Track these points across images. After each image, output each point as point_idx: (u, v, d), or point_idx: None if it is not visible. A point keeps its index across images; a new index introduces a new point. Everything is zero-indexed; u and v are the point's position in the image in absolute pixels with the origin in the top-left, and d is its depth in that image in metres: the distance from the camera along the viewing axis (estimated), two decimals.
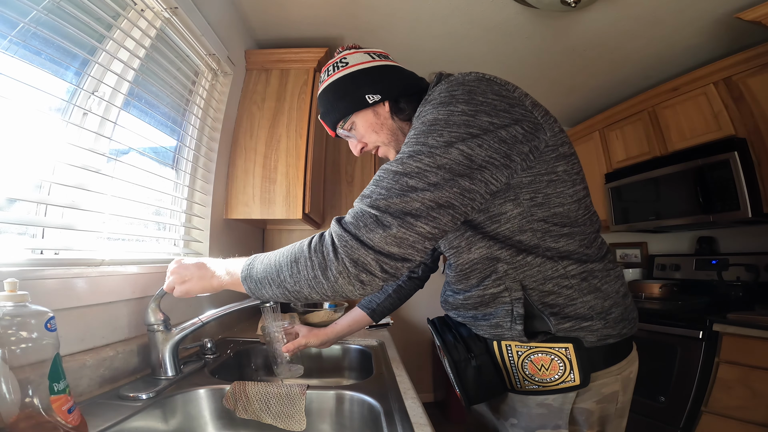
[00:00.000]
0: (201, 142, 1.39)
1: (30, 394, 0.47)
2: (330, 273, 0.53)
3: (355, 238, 0.52)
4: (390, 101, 0.76)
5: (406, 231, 0.51)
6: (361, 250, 0.51)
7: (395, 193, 0.53)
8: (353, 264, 0.52)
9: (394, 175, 0.55)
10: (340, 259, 0.52)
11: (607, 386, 0.66)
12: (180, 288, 0.71)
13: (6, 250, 0.67)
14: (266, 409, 0.78)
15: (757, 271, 1.88)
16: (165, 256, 1.13)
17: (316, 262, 0.54)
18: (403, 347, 1.28)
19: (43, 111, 0.77)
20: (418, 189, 0.53)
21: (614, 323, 0.66)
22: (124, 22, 0.98)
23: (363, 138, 0.79)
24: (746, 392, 1.43)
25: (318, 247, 0.55)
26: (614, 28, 1.74)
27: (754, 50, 1.69)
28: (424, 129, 0.58)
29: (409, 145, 0.58)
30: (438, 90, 0.63)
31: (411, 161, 0.55)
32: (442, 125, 0.57)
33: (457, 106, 0.58)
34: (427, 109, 0.61)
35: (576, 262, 0.65)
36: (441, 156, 0.54)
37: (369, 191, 0.56)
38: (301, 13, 1.65)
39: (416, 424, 0.64)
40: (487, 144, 0.56)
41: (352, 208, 0.57)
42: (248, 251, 1.93)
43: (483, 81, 0.61)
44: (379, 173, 0.57)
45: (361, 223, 0.53)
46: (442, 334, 0.76)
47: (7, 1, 0.66)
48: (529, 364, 0.66)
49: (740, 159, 1.74)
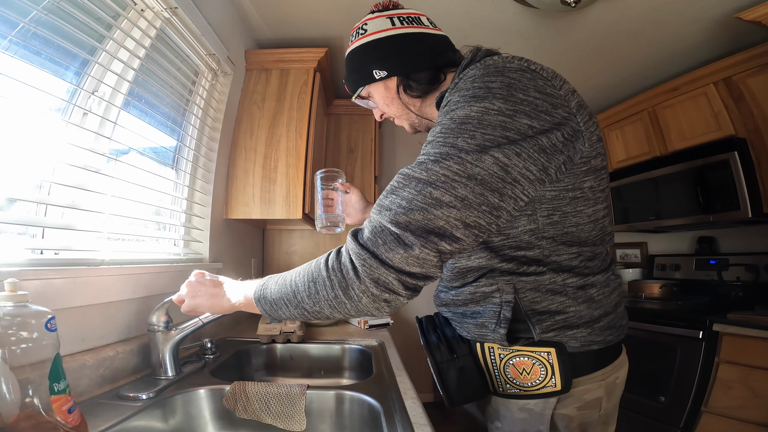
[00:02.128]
0: (201, 142, 1.39)
1: (30, 394, 0.47)
2: (352, 293, 0.50)
3: (374, 257, 0.48)
4: (398, 77, 0.72)
5: (429, 252, 0.47)
6: (382, 269, 0.48)
7: (417, 206, 0.48)
8: (375, 284, 0.48)
9: (417, 183, 0.49)
10: (361, 279, 0.49)
11: (590, 392, 0.64)
12: (189, 302, 0.69)
13: (6, 250, 0.67)
14: (266, 409, 0.78)
15: (757, 271, 1.88)
16: (165, 256, 1.13)
17: (336, 282, 0.51)
18: (403, 347, 1.28)
19: (43, 111, 0.77)
20: (443, 204, 0.48)
21: (600, 331, 0.63)
22: (124, 22, 0.98)
23: (379, 107, 0.78)
24: (746, 392, 1.43)
25: (336, 265, 0.51)
26: (614, 28, 1.74)
27: (754, 50, 1.69)
28: (453, 127, 0.52)
29: (434, 144, 0.52)
30: (471, 75, 0.55)
31: (437, 167, 0.49)
32: (474, 125, 0.50)
33: (494, 102, 0.51)
34: (457, 101, 0.54)
35: (577, 276, 0.62)
36: (473, 164, 0.48)
37: (387, 201, 0.51)
38: (301, 13, 1.65)
39: (416, 424, 0.64)
40: (526, 153, 0.50)
41: (370, 219, 0.52)
42: (248, 251, 1.94)
43: (527, 72, 0.54)
44: (398, 179, 0.52)
45: (380, 241, 0.49)
46: (426, 334, 0.74)
47: (7, 1, 0.66)
48: (511, 368, 0.65)
49: (740, 159, 1.74)
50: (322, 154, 2.15)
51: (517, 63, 0.55)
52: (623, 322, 0.69)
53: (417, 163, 0.52)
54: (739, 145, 1.76)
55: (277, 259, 2.12)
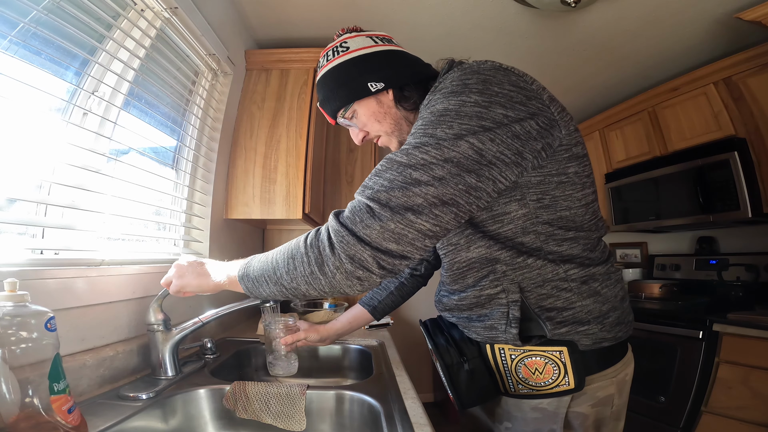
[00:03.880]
0: (201, 142, 1.39)
1: (30, 394, 0.47)
2: (327, 269, 0.51)
3: (352, 234, 0.50)
4: (394, 89, 0.72)
5: (405, 227, 0.49)
6: (358, 246, 0.50)
7: (397, 185, 0.51)
8: (350, 260, 0.50)
9: (398, 166, 0.52)
10: (336, 255, 0.51)
11: (603, 389, 0.65)
12: (176, 282, 0.71)
13: (6, 250, 0.67)
14: (266, 409, 0.78)
15: (757, 271, 1.88)
16: (165, 256, 1.13)
17: (313, 257, 0.52)
18: (403, 347, 1.28)
19: (43, 111, 0.77)
20: (422, 182, 0.50)
21: (610, 327, 0.64)
22: (124, 22, 0.98)
23: (365, 127, 0.76)
24: (746, 392, 1.43)
25: (314, 242, 0.53)
26: (614, 28, 1.74)
27: (754, 50, 1.69)
28: (432, 119, 0.55)
29: (416, 135, 0.55)
30: (450, 78, 0.59)
31: (417, 152, 0.52)
32: (452, 116, 0.54)
33: (470, 96, 0.54)
34: (436, 98, 0.58)
35: (578, 266, 0.63)
36: (449, 149, 0.51)
37: (371, 182, 0.53)
38: (301, 13, 1.65)
39: (416, 424, 0.64)
40: (500, 138, 0.53)
41: (353, 200, 0.55)
42: (248, 251, 1.94)
43: (500, 71, 0.58)
44: (382, 163, 0.55)
45: (358, 218, 0.51)
46: (434, 337, 0.74)
47: (7, 1, 0.66)
48: (522, 368, 0.65)
49: (740, 159, 1.74)
50: (322, 154, 2.15)
51: (491, 63, 0.60)
52: (630, 318, 0.70)
53: (400, 150, 0.55)
54: (739, 145, 1.76)
55: None
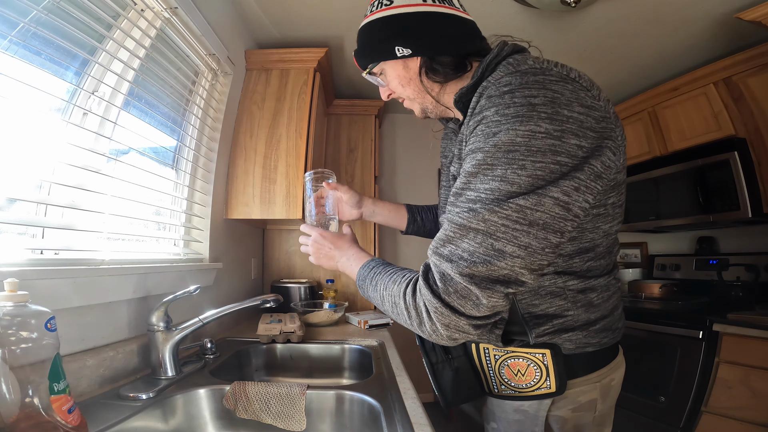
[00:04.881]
0: (201, 142, 1.39)
1: (30, 394, 0.47)
2: (425, 329, 0.52)
3: (447, 306, 0.49)
4: (423, 58, 0.66)
5: (497, 300, 0.47)
6: (453, 317, 0.49)
7: (479, 258, 0.46)
8: (446, 328, 0.50)
9: (475, 234, 0.47)
10: (432, 323, 0.50)
11: (585, 394, 0.63)
12: (316, 261, 0.79)
13: (6, 250, 0.67)
14: (266, 409, 0.78)
15: (757, 271, 1.88)
16: (165, 256, 1.13)
17: (412, 315, 0.53)
18: (403, 347, 1.28)
19: (43, 111, 0.77)
20: (506, 255, 0.46)
21: (595, 333, 0.63)
22: (124, 22, 0.98)
23: (390, 86, 0.72)
24: (746, 392, 1.43)
25: (412, 304, 0.53)
26: (614, 28, 1.74)
27: (754, 50, 1.69)
28: (498, 156, 0.48)
29: (482, 178, 0.48)
30: (506, 83, 0.51)
31: (495, 218, 0.46)
32: (523, 152, 0.47)
33: (540, 124, 0.47)
34: (497, 120, 0.49)
35: (579, 278, 0.61)
36: (533, 209, 0.46)
37: (448, 252, 0.49)
38: (301, 13, 1.65)
39: (416, 424, 0.64)
40: (584, 185, 0.48)
41: (435, 263, 0.51)
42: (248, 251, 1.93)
43: (568, 83, 0.50)
44: (453, 227, 0.49)
45: (451, 289, 0.48)
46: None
47: (7, 1, 0.66)
48: (505, 369, 0.65)
49: (740, 159, 1.74)
50: (322, 154, 2.15)
51: (557, 71, 0.51)
52: (620, 325, 0.68)
53: (467, 208, 0.49)
54: (739, 145, 1.76)
55: (277, 259, 2.12)
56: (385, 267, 0.64)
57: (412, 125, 2.87)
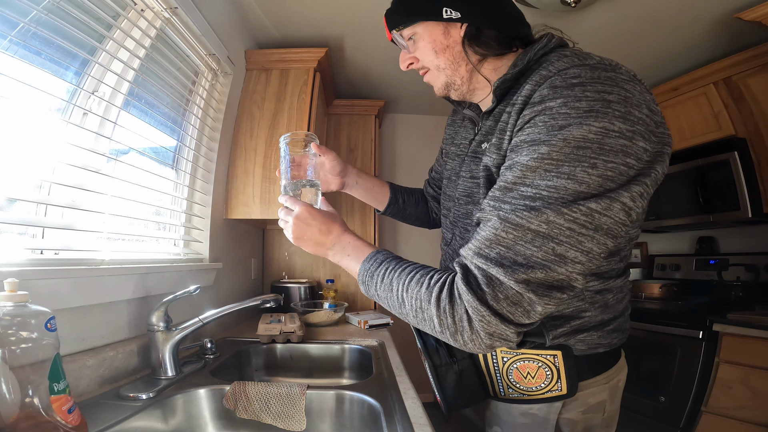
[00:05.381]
0: (201, 142, 1.39)
1: (30, 394, 0.47)
2: (459, 338, 0.47)
3: (495, 314, 0.44)
4: (468, 26, 0.61)
5: (552, 307, 0.44)
6: (501, 326, 0.44)
7: (538, 263, 0.43)
8: (489, 336, 0.45)
9: (534, 237, 0.43)
10: (474, 331, 0.45)
11: (594, 396, 0.62)
12: (295, 241, 0.66)
13: (6, 250, 0.67)
14: (266, 409, 0.78)
15: (757, 271, 1.88)
16: (165, 256, 1.13)
17: (445, 323, 0.47)
18: (403, 347, 1.28)
19: (43, 111, 0.77)
20: (568, 260, 0.43)
21: (608, 334, 0.63)
22: (124, 22, 0.98)
23: (417, 53, 0.66)
24: (746, 392, 1.43)
25: (448, 310, 0.47)
26: (614, 28, 1.74)
27: (754, 50, 1.69)
28: (568, 152, 0.44)
29: (545, 174, 0.44)
30: (575, 75, 0.47)
31: (561, 220, 0.42)
32: (595, 150, 0.43)
33: (614, 122, 0.43)
34: (565, 112, 0.45)
35: (598, 279, 0.60)
36: (601, 213, 0.43)
37: (498, 254, 0.44)
38: (301, 13, 1.65)
39: (416, 424, 0.64)
40: (646, 191, 0.45)
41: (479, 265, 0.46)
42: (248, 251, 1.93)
43: (637, 84, 0.47)
44: (506, 225, 0.45)
45: (501, 295, 0.44)
46: (424, 336, 0.70)
47: (7, 1, 0.66)
48: (514, 371, 0.63)
49: (740, 159, 1.74)
50: None
51: (626, 70, 0.49)
52: (627, 326, 0.68)
53: (524, 206, 0.44)
54: (739, 145, 1.76)
55: (277, 259, 2.12)
56: (398, 262, 0.56)
57: (412, 125, 2.87)
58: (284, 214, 0.67)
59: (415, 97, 2.56)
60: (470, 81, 0.66)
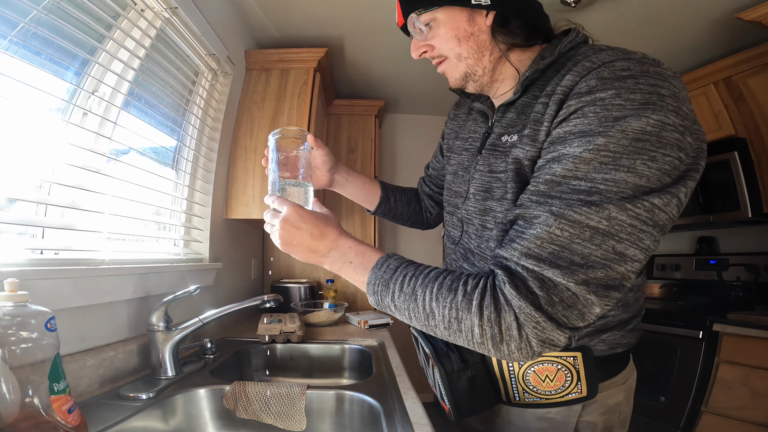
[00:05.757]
0: (201, 142, 1.39)
1: (30, 394, 0.47)
2: (504, 348, 0.44)
3: (550, 319, 0.41)
4: (496, 15, 0.59)
5: (608, 307, 0.42)
6: (556, 332, 0.42)
7: (597, 263, 0.41)
8: (540, 344, 0.43)
9: (593, 234, 0.41)
10: (524, 339, 0.43)
11: (612, 397, 0.62)
12: (283, 247, 0.59)
13: (6, 250, 0.67)
14: (266, 409, 0.78)
15: (757, 271, 1.88)
16: (165, 255, 1.13)
17: (488, 333, 0.43)
18: (403, 347, 1.28)
19: (43, 111, 0.77)
20: (627, 258, 0.41)
21: (627, 333, 0.62)
22: (124, 22, 0.98)
23: (435, 40, 0.62)
24: (746, 392, 1.43)
25: (494, 318, 0.43)
26: (614, 28, 1.74)
27: (754, 50, 1.69)
28: (626, 144, 0.42)
29: (600, 166, 0.42)
30: (623, 68, 0.46)
31: (623, 216, 0.40)
32: (654, 143, 0.41)
33: (668, 116, 0.42)
34: (619, 104, 0.43)
35: None
36: (661, 210, 0.41)
37: (551, 254, 0.42)
38: (301, 13, 1.65)
39: (416, 424, 0.64)
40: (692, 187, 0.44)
41: (530, 267, 0.43)
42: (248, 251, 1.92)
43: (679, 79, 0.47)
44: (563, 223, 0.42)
45: (556, 298, 0.41)
46: (432, 341, 0.66)
47: (7, 1, 0.66)
48: (531, 375, 0.60)
49: (740, 159, 1.74)
50: None
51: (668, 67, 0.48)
52: (641, 325, 0.68)
53: (580, 200, 0.42)
54: (739, 145, 1.76)
55: (277, 259, 2.12)
56: (417, 267, 0.52)
57: (412, 125, 2.87)
58: (270, 216, 0.61)
59: (415, 97, 2.56)
60: (493, 72, 0.63)
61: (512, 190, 0.55)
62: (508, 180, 0.56)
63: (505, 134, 0.61)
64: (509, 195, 0.56)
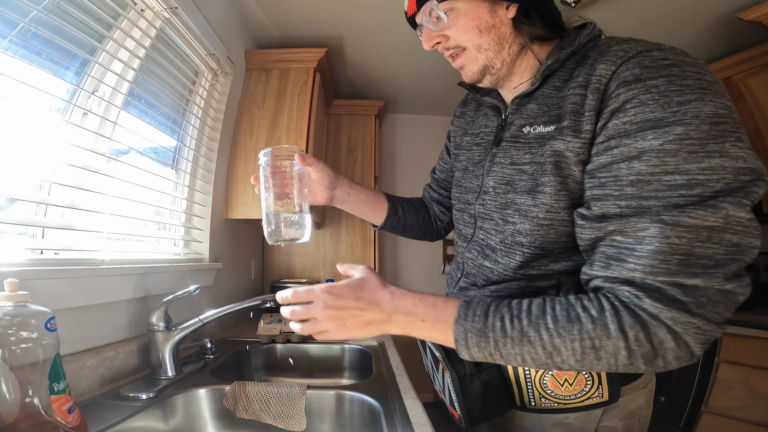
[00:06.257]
0: (201, 142, 1.39)
1: (30, 394, 0.47)
2: (660, 361, 0.42)
3: (707, 320, 0.40)
4: (521, 8, 0.58)
5: (748, 288, 0.41)
6: (716, 330, 0.41)
7: (724, 259, 0.40)
8: (702, 346, 0.41)
9: (710, 233, 0.39)
10: (682, 346, 0.41)
11: (633, 401, 0.59)
12: (341, 335, 0.52)
13: (6, 250, 0.67)
14: (266, 409, 0.78)
15: (757, 271, 1.89)
16: (165, 256, 1.13)
17: (638, 352, 0.42)
18: (403, 347, 1.28)
19: (43, 111, 0.77)
20: (743, 248, 0.40)
21: None
22: (124, 22, 0.98)
23: (451, 30, 0.60)
24: (746, 392, 1.43)
25: (643, 337, 0.41)
26: (614, 28, 1.74)
27: (754, 50, 1.70)
28: (704, 127, 0.40)
29: (690, 156, 0.40)
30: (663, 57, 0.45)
31: (741, 212, 0.39)
32: (732, 124, 0.41)
33: (725, 100, 0.43)
34: (670, 87, 0.42)
35: None
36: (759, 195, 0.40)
37: (676, 264, 0.40)
38: (301, 13, 1.65)
39: (416, 424, 0.64)
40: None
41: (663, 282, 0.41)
42: (248, 251, 1.92)
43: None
44: (679, 230, 0.40)
45: (704, 299, 0.40)
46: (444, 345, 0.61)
47: (7, 1, 0.66)
48: (549, 379, 0.57)
49: None
50: (322, 154, 2.15)
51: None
52: None
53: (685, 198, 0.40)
54: None
55: (277, 259, 2.12)
56: (509, 305, 0.48)
57: (412, 125, 2.87)
58: (302, 312, 0.52)
59: (415, 97, 2.56)
60: (512, 64, 0.62)
61: (550, 183, 0.53)
62: (542, 173, 0.55)
63: (527, 125, 0.59)
64: (546, 188, 0.54)
